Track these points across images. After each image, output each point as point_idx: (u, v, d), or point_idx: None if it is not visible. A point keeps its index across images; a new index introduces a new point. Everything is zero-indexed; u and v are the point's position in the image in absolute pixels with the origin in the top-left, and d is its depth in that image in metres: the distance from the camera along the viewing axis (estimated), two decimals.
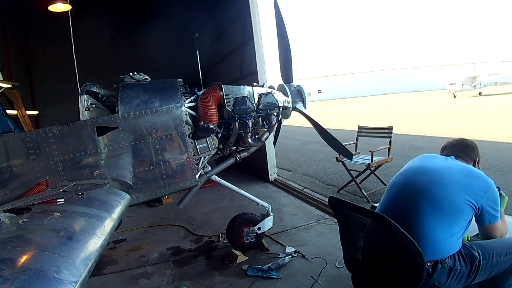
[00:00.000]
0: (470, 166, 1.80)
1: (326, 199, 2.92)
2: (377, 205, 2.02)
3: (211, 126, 2.66)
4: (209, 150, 2.82)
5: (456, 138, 2.03)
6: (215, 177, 3.11)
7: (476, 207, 1.63)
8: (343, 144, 3.02)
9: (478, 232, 1.85)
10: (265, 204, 3.32)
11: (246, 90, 2.84)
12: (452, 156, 1.88)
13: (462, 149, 1.93)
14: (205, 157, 2.88)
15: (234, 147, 3.00)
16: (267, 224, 3.29)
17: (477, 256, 1.61)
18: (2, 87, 6.62)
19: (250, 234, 3.25)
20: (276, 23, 3.10)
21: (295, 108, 3.12)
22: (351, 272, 1.90)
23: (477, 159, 1.94)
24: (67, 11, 5.64)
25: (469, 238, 1.83)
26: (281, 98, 2.98)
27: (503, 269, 1.65)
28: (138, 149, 2.53)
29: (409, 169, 1.91)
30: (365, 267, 1.74)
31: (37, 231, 1.43)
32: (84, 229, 1.52)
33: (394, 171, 5.75)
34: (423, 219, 1.60)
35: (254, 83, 3.11)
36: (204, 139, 2.77)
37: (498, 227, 1.70)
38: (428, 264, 1.56)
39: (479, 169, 1.87)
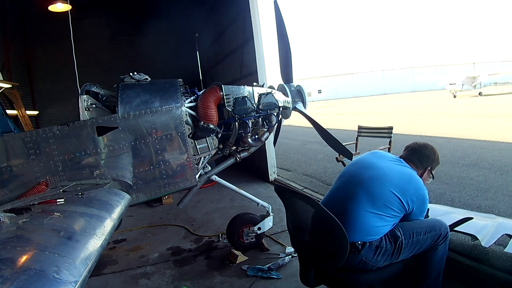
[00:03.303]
0: (412, 173, 1.93)
1: None
2: None
3: (211, 126, 2.66)
4: (209, 150, 2.82)
5: (420, 142, 2.12)
6: (215, 177, 3.11)
7: (406, 209, 1.84)
8: (343, 144, 3.02)
9: None
10: (265, 204, 3.32)
11: (246, 90, 2.84)
12: (403, 159, 2.03)
13: (417, 155, 2.04)
14: (205, 157, 2.88)
15: (234, 147, 3.00)
16: (267, 224, 3.29)
17: (400, 235, 1.83)
18: (2, 87, 6.62)
19: (250, 234, 3.25)
20: (276, 23, 3.10)
21: (295, 108, 3.11)
22: (296, 250, 2.15)
23: (429, 167, 2.04)
24: (67, 11, 5.64)
25: None
26: (281, 98, 2.98)
27: (425, 246, 1.87)
28: (138, 149, 2.53)
29: (358, 162, 2.11)
30: (303, 243, 1.94)
31: (37, 231, 1.44)
32: (84, 229, 1.52)
33: None
34: (359, 207, 1.82)
35: (254, 83, 3.11)
36: (204, 139, 2.77)
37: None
38: (359, 243, 1.79)
39: (429, 177, 2.06)
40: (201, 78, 10.08)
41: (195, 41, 9.94)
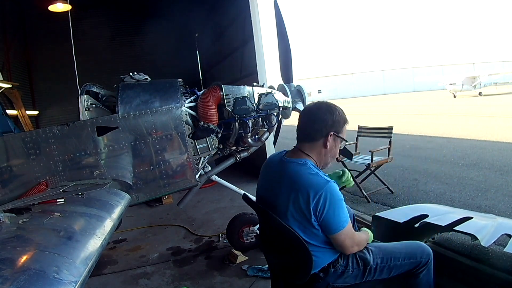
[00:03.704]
0: (295, 174, 1.52)
1: None
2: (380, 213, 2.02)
3: (211, 126, 2.66)
4: (209, 150, 2.82)
5: (311, 105, 1.68)
6: (215, 177, 3.11)
7: (312, 218, 1.46)
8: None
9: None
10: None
11: (246, 90, 2.84)
12: (289, 151, 1.68)
13: (310, 126, 1.60)
14: (205, 157, 2.88)
15: (234, 147, 3.00)
16: None
17: (369, 260, 1.58)
18: (2, 87, 6.62)
19: (250, 234, 3.24)
20: (276, 23, 3.10)
21: (295, 108, 3.11)
22: (267, 261, 1.95)
23: (331, 133, 1.57)
24: (67, 11, 5.64)
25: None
26: (281, 98, 2.98)
27: (403, 271, 1.64)
28: (138, 149, 2.53)
29: (258, 187, 1.81)
30: (270, 255, 1.80)
31: (37, 231, 1.44)
32: (84, 229, 1.52)
33: (394, 171, 5.73)
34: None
35: (254, 83, 3.11)
36: (204, 139, 2.77)
37: (345, 235, 1.50)
38: (319, 271, 1.53)
39: (336, 143, 1.61)
40: (201, 78, 10.09)
41: (195, 41, 9.94)
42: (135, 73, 2.76)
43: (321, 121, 1.57)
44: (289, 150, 1.72)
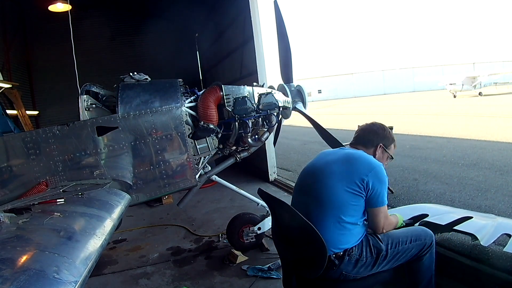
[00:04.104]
0: (357, 152, 1.80)
1: None
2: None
3: (211, 126, 2.66)
4: (209, 150, 2.82)
5: (366, 124, 1.99)
6: (215, 177, 3.11)
7: (362, 188, 1.66)
8: (343, 144, 3.02)
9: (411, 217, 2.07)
10: (265, 204, 3.32)
11: (246, 90, 2.84)
12: (348, 146, 1.95)
13: (364, 136, 1.91)
14: (205, 157, 2.88)
15: (234, 147, 3.00)
16: (267, 224, 3.29)
17: (382, 246, 1.72)
18: (2, 87, 6.63)
19: (250, 234, 3.24)
20: (276, 23, 3.11)
21: (295, 108, 3.12)
22: (279, 257, 2.06)
23: (380, 144, 1.88)
24: (67, 11, 5.65)
25: (403, 223, 1.97)
26: (281, 98, 2.98)
27: (410, 255, 1.77)
28: (138, 149, 2.53)
29: (304, 169, 1.98)
30: (284, 249, 1.90)
31: (37, 231, 1.44)
32: (84, 229, 1.52)
33: (394, 171, 5.71)
34: (312, 219, 1.64)
35: (254, 83, 3.11)
36: (204, 139, 2.77)
37: (383, 212, 1.72)
38: (333, 256, 1.67)
39: (385, 156, 1.89)
40: (201, 78, 10.09)
41: (195, 41, 9.94)
42: (135, 73, 2.76)
43: (374, 133, 1.90)
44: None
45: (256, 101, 2.84)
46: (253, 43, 5.59)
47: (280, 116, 3.08)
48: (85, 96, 2.64)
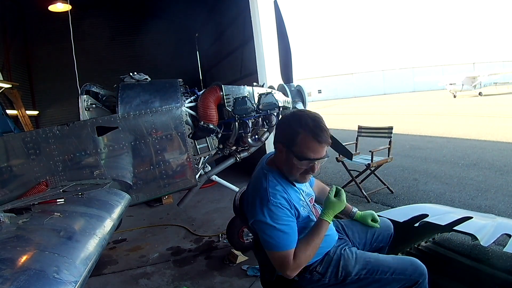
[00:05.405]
0: (256, 179, 1.58)
1: None
2: (380, 213, 2.01)
3: (211, 126, 2.66)
4: (209, 150, 2.82)
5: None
6: (215, 177, 3.11)
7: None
8: (343, 144, 3.02)
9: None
10: None
11: (246, 90, 2.84)
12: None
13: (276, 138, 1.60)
14: (205, 157, 2.88)
15: (234, 147, 3.00)
16: None
17: (354, 272, 1.47)
18: (2, 87, 6.62)
19: (250, 234, 3.24)
20: (276, 23, 3.11)
21: (295, 108, 3.12)
22: None
23: (287, 148, 1.49)
24: (67, 11, 5.64)
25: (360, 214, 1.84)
26: (281, 98, 2.98)
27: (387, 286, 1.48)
28: (138, 149, 2.53)
29: None
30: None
31: (37, 231, 1.44)
32: (84, 229, 1.52)
33: (394, 171, 5.72)
34: None
35: (254, 83, 3.12)
36: (204, 139, 2.77)
37: (272, 257, 1.42)
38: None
39: (297, 167, 1.50)
40: (201, 78, 10.08)
41: (195, 41, 9.94)
42: (135, 73, 2.76)
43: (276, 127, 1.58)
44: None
45: (256, 101, 2.84)
46: (253, 43, 5.59)
47: (280, 116, 3.09)
48: (85, 96, 2.64)
